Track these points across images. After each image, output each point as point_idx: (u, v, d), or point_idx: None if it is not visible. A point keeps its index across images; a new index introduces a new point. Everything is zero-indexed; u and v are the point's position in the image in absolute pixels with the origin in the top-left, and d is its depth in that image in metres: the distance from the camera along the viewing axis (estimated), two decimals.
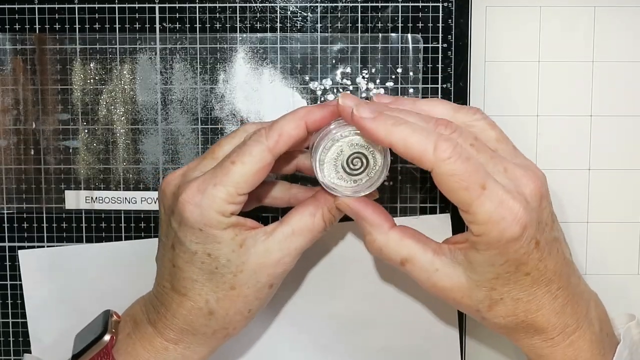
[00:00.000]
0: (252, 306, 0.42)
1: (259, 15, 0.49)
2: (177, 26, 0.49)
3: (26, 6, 0.49)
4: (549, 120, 0.50)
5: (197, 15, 0.49)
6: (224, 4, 0.49)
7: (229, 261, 0.41)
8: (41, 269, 0.51)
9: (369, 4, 0.49)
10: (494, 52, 0.50)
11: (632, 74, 0.50)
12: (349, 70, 0.49)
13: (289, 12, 0.49)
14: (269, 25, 0.49)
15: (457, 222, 0.50)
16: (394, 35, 0.49)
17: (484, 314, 0.41)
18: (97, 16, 0.49)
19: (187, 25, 0.49)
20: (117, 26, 0.49)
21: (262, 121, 0.49)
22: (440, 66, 0.49)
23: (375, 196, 0.43)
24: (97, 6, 0.49)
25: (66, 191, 0.51)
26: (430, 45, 0.49)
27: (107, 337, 0.43)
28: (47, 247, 0.51)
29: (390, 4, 0.49)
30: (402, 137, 0.37)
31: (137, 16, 0.49)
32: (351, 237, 0.50)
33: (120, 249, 0.51)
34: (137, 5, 0.49)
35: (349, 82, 0.50)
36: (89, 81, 0.50)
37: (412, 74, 0.49)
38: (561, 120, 0.50)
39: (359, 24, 0.49)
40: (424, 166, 0.37)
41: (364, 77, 0.49)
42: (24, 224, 0.51)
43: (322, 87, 0.50)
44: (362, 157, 0.41)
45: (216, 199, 0.40)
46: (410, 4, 0.49)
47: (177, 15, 0.49)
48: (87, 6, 0.49)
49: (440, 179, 0.37)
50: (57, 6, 0.49)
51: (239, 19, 0.49)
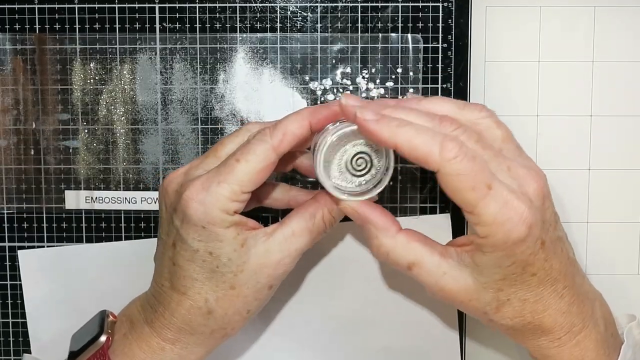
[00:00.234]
0: (251, 307, 0.42)
1: (259, 15, 0.49)
2: (177, 26, 0.49)
3: (26, 6, 0.49)
4: (549, 120, 0.50)
5: (197, 15, 0.49)
6: (224, 4, 0.49)
7: (230, 260, 0.41)
8: (41, 269, 0.51)
9: (369, 4, 0.49)
10: (494, 52, 0.50)
11: (632, 74, 0.50)
12: (349, 70, 0.49)
13: (289, 12, 0.49)
14: (269, 25, 0.49)
15: (457, 222, 0.50)
16: (394, 35, 0.49)
17: (492, 315, 0.40)
18: (97, 16, 0.49)
19: (187, 25, 0.49)
20: (117, 26, 0.49)
21: (264, 121, 0.49)
22: (440, 66, 0.49)
23: (375, 198, 0.43)
24: (97, 6, 0.49)
25: (66, 191, 0.51)
26: (430, 45, 0.49)
27: (103, 337, 0.43)
28: (47, 247, 0.51)
29: (390, 4, 0.49)
30: (406, 138, 0.37)
31: (137, 16, 0.49)
32: (351, 238, 0.50)
33: (120, 249, 0.51)
34: (137, 5, 0.49)
35: (349, 82, 0.50)
36: (89, 81, 0.50)
37: (412, 74, 0.49)
38: (561, 120, 0.50)
39: (359, 24, 0.49)
40: (429, 167, 0.37)
41: (364, 77, 0.49)
42: (24, 224, 0.51)
43: (322, 87, 0.50)
44: (366, 158, 0.41)
45: (220, 197, 0.40)
46: (410, 4, 0.49)
47: (177, 15, 0.49)
48: (87, 6, 0.49)
49: (446, 179, 0.37)
50: (57, 6, 0.49)
51: (239, 19, 0.49)
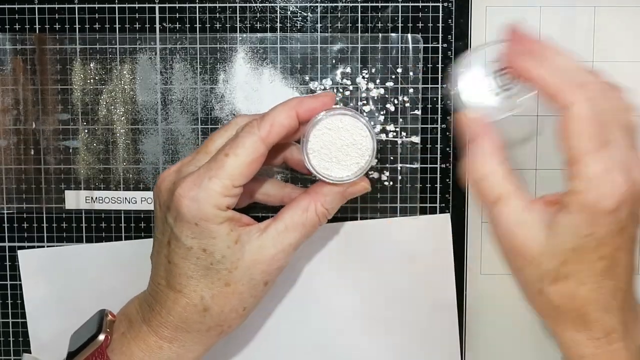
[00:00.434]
0: (247, 304, 0.42)
1: (259, 15, 0.49)
2: (177, 26, 0.49)
3: (26, 6, 0.49)
4: (549, 120, 0.50)
5: (197, 15, 0.49)
6: (224, 4, 0.49)
7: (224, 257, 0.41)
8: (41, 269, 0.51)
9: (369, 4, 0.49)
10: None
11: (632, 73, 0.50)
12: (349, 70, 0.49)
13: (289, 12, 0.49)
14: (269, 25, 0.49)
15: (457, 222, 0.50)
16: (394, 35, 0.49)
17: (545, 286, 0.39)
18: (97, 16, 0.49)
19: (187, 25, 0.49)
20: (117, 26, 0.49)
21: (253, 113, 0.49)
22: (440, 66, 0.49)
23: (367, 189, 0.44)
24: (97, 6, 0.49)
25: (66, 191, 0.51)
26: (430, 45, 0.49)
27: (101, 336, 0.43)
28: (47, 247, 0.51)
29: (390, 4, 0.49)
30: (551, 68, 0.38)
31: (137, 16, 0.49)
32: (351, 237, 0.50)
33: (120, 249, 0.51)
34: (137, 5, 0.49)
35: (349, 82, 0.50)
36: (89, 81, 0.50)
37: (412, 74, 0.49)
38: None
39: (359, 24, 0.49)
40: (559, 101, 0.38)
41: (364, 77, 0.49)
42: (24, 224, 0.51)
43: (322, 87, 0.50)
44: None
45: (212, 193, 0.40)
46: (410, 4, 0.49)
47: (177, 15, 0.49)
48: (87, 6, 0.49)
49: (569, 118, 0.37)
50: (57, 6, 0.49)
51: (239, 19, 0.49)
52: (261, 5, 0.49)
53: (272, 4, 0.49)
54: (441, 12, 0.49)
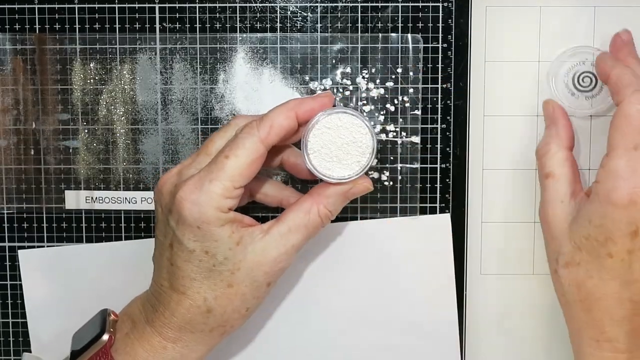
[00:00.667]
0: (250, 304, 0.42)
1: (259, 15, 0.49)
2: (177, 26, 0.49)
3: (26, 6, 0.49)
4: None
5: (197, 15, 0.49)
6: (224, 4, 0.49)
7: (227, 259, 0.41)
8: (41, 269, 0.51)
9: (369, 4, 0.49)
10: (494, 52, 0.50)
11: None
12: (349, 70, 0.49)
13: (289, 12, 0.49)
14: (269, 25, 0.49)
15: (457, 222, 0.50)
16: (394, 35, 0.49)
17: (560, 267, 0.42)
18: (97, 16, 0.49)
19: (187, 25, 0.49)
20: (117, 26, 0.49)
21: (252, 114, 0.49)
22: (440, 66, 0.49)
23: (370, 189, 0.43)
24: (97, 6, 0.49)
25: (66, 191, 0.51)
26: (430, 45, 0.49)
27: (105, 336, 0.43)
28: (47, 247, 0.51)
29: (390, 4, 0.49)
30: (622, 71, 0.42)
31: (137, 16, 0.49)
32: (351, 236, 0.50)
33: (120, 249, 0.51)
34: (137, 5, 0.49)
35: (349, 82, 0.50)
36: (89, 81, 0.50)
37: (412, 74, 0.49)
38: None
39: (359, 24, 0.49)
40: (618, 95, 0.41)
41: (364, 77, 0.49)
42: (24, 224, 0.51)
43: (322, 87, 0.50)
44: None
45: (214, 195, 0.40)
46: (410, 4, 0.49)
47: (177, 15, 0.49)
48: (87, 6, 0.49)
49: (619, 113, 0.41)
50: (57, 6, 0.49)
51: (239, 19, 0.49)
52: (261, 5, 0.49)
53: (272, 4, 0.49)
54: (441, 12, 0.49)
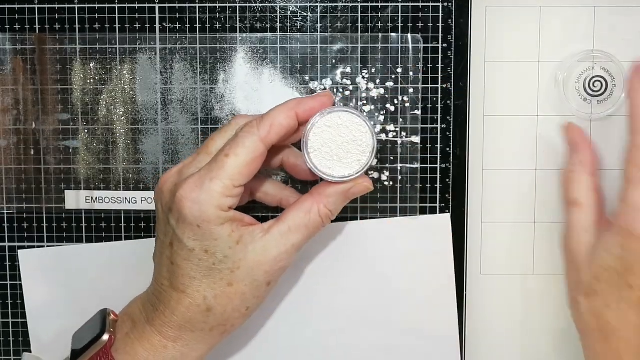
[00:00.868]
0: (250, 304, 0.42)
1: (259, 15, 0.49)
2: (177, 26, 0.49)
3: (26, 6, 0.49)
4: (549, 120, 0.50)
5: (197, 15, 0.49)
6: (224, 4, 0.49)
7: (226, 257, 0.41)
8: (41, 269, 0.51)
9: (369, 4, 0.49)
10: (494, 52, 0.50)
11: None
12: (349, 70, 0.49)
13: (289, 12, 0.49)
14: (269, 25, 0.49)
15: (457, 222, 0.50)
16: (394, 35, 0.49)
17: (579, 296, 0.42)
18: (97, 16, 0.49)
19: (187, 25, 0.49)
20: (117, 26, 0.49)
21: (253, 114, 0.49)
22: (440, 66, 0.49)
23: (370, 189, 0.43)
24: (97, 6, 0.49)
25: (66, 191, 0.51)
26: (430, 45, 0.49)
27: (105, 336, 0.43)
28: (47, 247, 0.51)
29: (390, 4, 0.49)
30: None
31: (137, 16, 0.49)
32: (351, 236, 0.50)
33: (120, 249, 0.51)
34: (137, 5, 0.49)
35: (349, 82, 0.50)
36: (89, 81, 0.50)
37: (412, 74, 0.49)
38: (561, 120, 0.50)
39: (359, 24, 0.49)
40: (635, 126, 0.43)
41: (364, 77, 0.49)
42: (24, 224, 0.51)
43: (322, 87, 0.50)
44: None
45: (214, 194, 0.40)
46: (410, 4, 0.49)
47: (177, 15, 0.49)
48: (87, 6, 0.49)
49: (634, 144, 0.42)
50: (57, 6, 0.49)
51: (239, 19, 0.49)
52: (261, 5, 0.49)
53: (272, 4, 0.49)
54: (441, 12, 0.49)
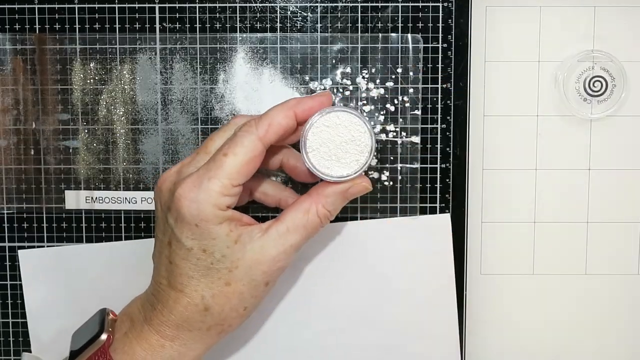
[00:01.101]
0: (248, 303, 0.42)
1: (259, 15, 0.49)
2: (177, 26, 0.49)
3: (26, 6, 0.49)
4: (549, 120, 0.50)
5: (197, 15, 0.49)
6: (224, 4, 0.49)
7: (224, 257, 0.41)
8: (41, 269, 0.51)
9: (369, 4, 0.49)
10: (494, 52, 0.50)
11: (633, 73, 0.50)
12: (349, 70, 0.49)
13: (289, 12, 0.49)
14: (269, 25, 0.49)
15: (457, 222, 0.50)
16: (394, 35, 0.49)
17: None
18: (97, 16, 0.49)
19: (187, 25, 0.49)
20: (117, 26, 0.49)
21: (252, 114, 0.49)
22: (440, 66, 0.49)
23: (369, 189, 0.43)
24: (97, 6, 0.49)
25: (66, 191, 0.51)
26: (430, 45, 0.49)
27: (104, 336, 0.43)
28: (47, 247, 0.51)
29: (390, 4, 0.49)
30: None
31: (137, 16, 0.49)
32: (351, 236, 0.50)
33: (120, 249, 0.51)
34: (137, 5, 0.49)
35: (349, 82, 0.50)
36: (89, 81, 0.50)
37: (412, 74, 0.49)
38: (561, 120, 0.50)
39: (359, 24, 0.49)
40: None
41: (364, 77, 0.49)
42: (24, 224, 0.51)
43: (322, 87, 0.50)
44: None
45: (212, 193, 0.40)
46: (410, 4, 0.49)
47: (177, 15, 0.49)
48: (87, 6, 0.49)
49: None
50: (57, 6, 0.49)
51: (239, 19, 0.49)
52: (261, 5, 0.49)
53: (272, 4, 0.49)
54: (441, 12, 0.49)
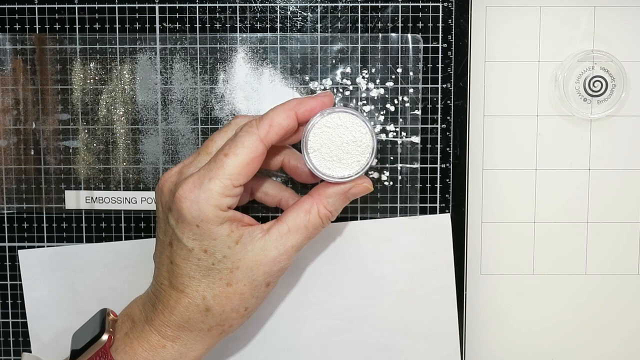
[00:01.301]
0: (249, 304, 0.42)
1: (259, 15, 0.49)
2: (177, 26, 0.49)
3: (26, 6, 0.49)
4: (549, 120, 0.50)
5: (197, 15, 0.49)
6: (224, 4, 0.49)
7: (225, 257, 0.41)
8: (41, 269, 0.51)
9: (369, 4, 0.49)
10: (494, 52, 0.50)
11: (632, 73, 0.50)
12: (349, 70, 0.49)
13: (289, 12, 0.49)
14: (269, 25, 0.49)
15: (457, 222, 0.50)
16: (394, 35, 0.49)
17: None
18: (97, 16, 0.49)
19: (187, 25, 0.49)
20: (117, 26, 0.49)
21: (253, 114, 0.49)
22: (440, 66, 0.49)
23: (370, 189, 0.43)
24: (97, 6, 0.49)
25: (66, 191, 0.51)
26: (430, 45, 0.49)
27: (105, 336, 0.43)
28: (47, 247, 0.51)
29: (390, 4, 0.49)
30: None
31: (137, 16, 0.49)
32: (351, 236, 0.50)
33: (120, 249, 0.51)
34: (137, 5, 0.49)
35: (349, 82, 0.50)
36: (89, 81, 0.50)
37: (412, 74, 0.49)
38: (561, 120, 0.50)
39: (359, 24, 0.49)
40: None
41: (364, 77, 0.49)
42: (24, 224, 0.51)
43: (322, 87, 0.50)
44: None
45: (213, 193, 0.40)
46: (410, 4, 0.49)
47: (177, 15, 0.49)
48: (87, 6, 0.49)
49: None
50: (57, 6, 0.49)
51: (239, 19, 0.49)
52: (261, 5, 0.49)
53: (272, 4, 0.49)
54: (441, 12, 0.49)
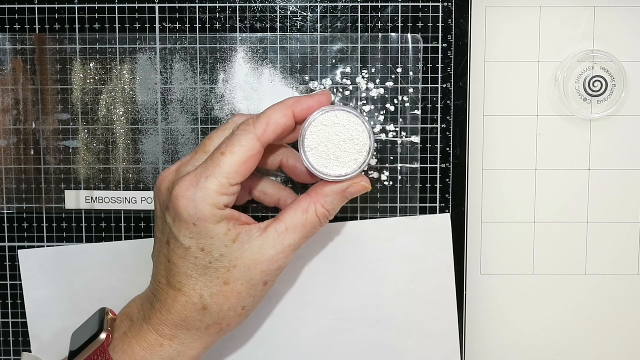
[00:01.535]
0: (246, 303, 0.42)
1: (259, 15, 0.49)
2: (177, 26, 0.49)
3: (26, 6, 0.49)
4: (549, 120, 0.50)
5: (197, 15, 0.49)
6: (224, 4, 0.49)
7: (222, 256, 0.41)
8: (41, 269, 0.51)
9: (369, 4, 0.49)
10: (494, 52, 0.50)
11: (632, 73, 0.50)
12: (349, 70, 0.49)
13: (289, 12, 0.49)
14: (269, 25, 0.49)
15: (457, 222, 0.50)
16: (394, 35, 0.49)
17: None
18: (97, 16, 0.49)
19: (187, 25, 0.49)
20: (117, 26, 0.49)
21: (251, 113, 0.49)
22: (440, 66, 0.49)
23: (368, 189, 0.43)
24: (97, 6, 0.49)
25: (66, 191, 0.51)
26: (430, 45, 0.49)
27: (103, 335, 0.43)
28: (47, 247, 0.51)
29: (390, 4, 0.49)
30: None
31: (137, 16, 0.49)
32: (351, 236, 0.50)
33: (120, 248, 0.51)
34: (137, 5, 0.49)
35: (349, 82, 0.50)
36: (89, 81, 0.50)
37: (412, 74, 0.49)
38: (561, 120, 0.50)
39: (359, 24, 0.49)
40: None
41: (364, 77, 0.49)
42: (24, 224, 0.51)
43: (322, 87, 0.50)
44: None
45: (209, 192, 0.40)
46: (410, 4, 0.49)
47: (177, 15, 0.49)
48: (87, 6, 0.49)
49: None
50: (57, 6, 0.49)
51: (239, 19, 0.49)
52: (261, 5, 0.49)
53: (272, 4, 0.49)
54: (441, 12, 0.49)
